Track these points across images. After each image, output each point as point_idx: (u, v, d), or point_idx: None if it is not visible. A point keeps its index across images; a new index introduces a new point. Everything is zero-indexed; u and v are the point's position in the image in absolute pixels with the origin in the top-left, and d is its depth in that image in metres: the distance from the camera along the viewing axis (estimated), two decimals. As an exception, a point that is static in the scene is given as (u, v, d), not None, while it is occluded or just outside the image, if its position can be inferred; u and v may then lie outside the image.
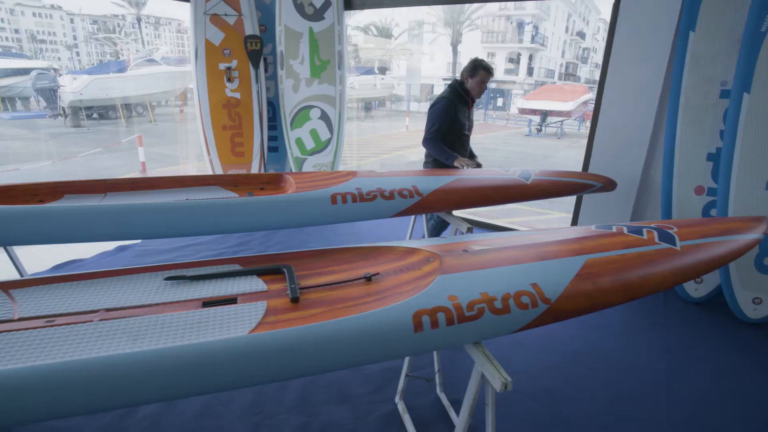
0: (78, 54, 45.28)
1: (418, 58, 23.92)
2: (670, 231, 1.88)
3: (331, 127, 4.62)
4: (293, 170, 4.75)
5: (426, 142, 2.88)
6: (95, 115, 14.09)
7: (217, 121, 4.52)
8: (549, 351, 2.48)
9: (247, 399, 1.97)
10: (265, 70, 4.67)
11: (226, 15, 4.33)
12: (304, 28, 4.39)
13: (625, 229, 1.87)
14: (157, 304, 1.33)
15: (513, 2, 23.86)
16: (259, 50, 4.39)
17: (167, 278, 1.45)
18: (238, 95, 4.51)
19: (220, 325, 1.23)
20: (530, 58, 24.61)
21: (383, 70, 21.50)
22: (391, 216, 2.14)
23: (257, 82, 4.48)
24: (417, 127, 14.94)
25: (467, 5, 21.04)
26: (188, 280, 1.46)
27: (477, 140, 13.26)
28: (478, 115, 18.53)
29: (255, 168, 4.67)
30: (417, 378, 2.02)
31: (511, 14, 25.47)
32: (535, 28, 25.67)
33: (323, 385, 2.06)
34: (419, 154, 10.85)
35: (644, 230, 1.86)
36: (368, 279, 1.47)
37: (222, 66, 4.41)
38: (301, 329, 1.16)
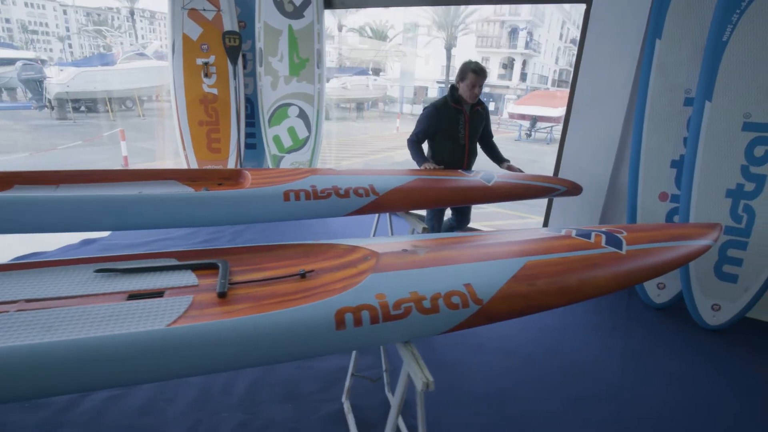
0: (71, 46, 44.87)
1: (412, 60, 23.97)
2: (618, 235, 1.88)
3: (309, 126, 4.61)
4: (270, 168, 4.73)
5: (407, 143, 2.92)
6: (83, 108, 13.96)
7: (194, 116, 4.49)
8: (507, 353, 2.48)
9: (192, 395, 1.95)
10: (244, 67, 4.65)
11: (204, 10, 4.31)
12: (283, 26, 4.37)
13: (573, 233, 1.87)
14: (80, 296, 1.31)
15: (508, 7, 24.01)
16: (237, 46, 4.37)
17: (97, 270, 1.43)
18: (215, 91, 4.48)
19: (140, 318, 1.21)
20: (524, 63, 24.76)
21: (377, 72, 21.52)
22: (345, 215, 2.13)
23: (235, 79, 4.46)
24: (408, 129, 14.98)
25: (462, 8, 21.14)
26: (119, 273, 1.44)
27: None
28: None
29: (231, 165, 4.64)
30: (362, 378, 2.01)
31: (506, 20, 25.64)
32: (530, 34, 25.85)
33: (271, 383, 2.04)
34: (406, 155, 10.91)
35: (593, 234, 1.86)
36: (302, 276, 1.46)
37: (199, 61, 4.38)
38: (220, 323, 1.15)
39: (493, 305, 1.39)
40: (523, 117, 14.26)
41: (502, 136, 15.33)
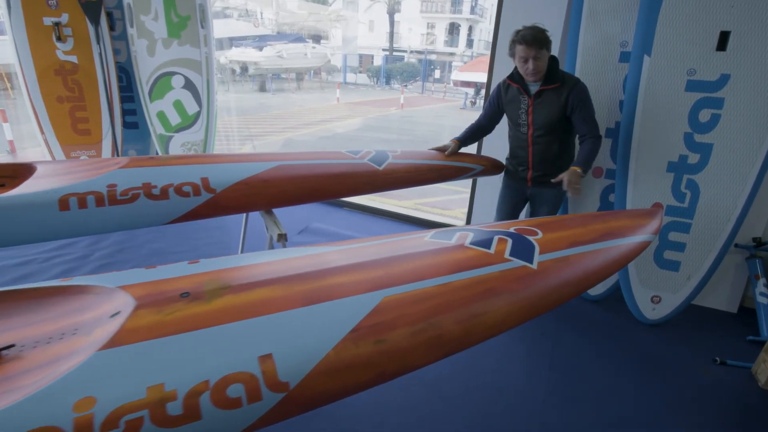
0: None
1: (354, 26, 22.76)
2: (530, 238, 1.37)
3: (199, 99, 3.85)
4: (159, 151, 3.96)
5: None
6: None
7: (49, 91, 3.61)
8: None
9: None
10: (111, 29, 3.78)
11: (45, -48, 3.39)
12: (154, -25, 3.54)
13: (469, 239, 1.34)
14: None
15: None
16: (97, 2, 3.51)
17: None
18: (74, 59, 3.61)
19: None
20: (470, 29, 24.10)
21: (317, 39, 20.25)
22: (165, 223, 1.51)
23: (99, 43, 3.61)
24: (350, 99, 14.15)
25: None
26: None
27: (409, 114, 12.73)
28: (416, 87, 17.95)
29: (106, 149, 3.83)
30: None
31: (451, -17, 24.67)
32: (475, -2, 25.09)
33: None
34: (348, 126, 10.16)
35: (495, 239, 1.34)
36: (-16, 359, 0.84)
37: (47, 21, 3.48)
38: None
39: (310, 388, 0.85)
40: (467, 84, 13.75)
41: (447, 105, 14.83)
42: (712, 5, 2.01)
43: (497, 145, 2.86)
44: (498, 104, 2.21)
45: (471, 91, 13.77)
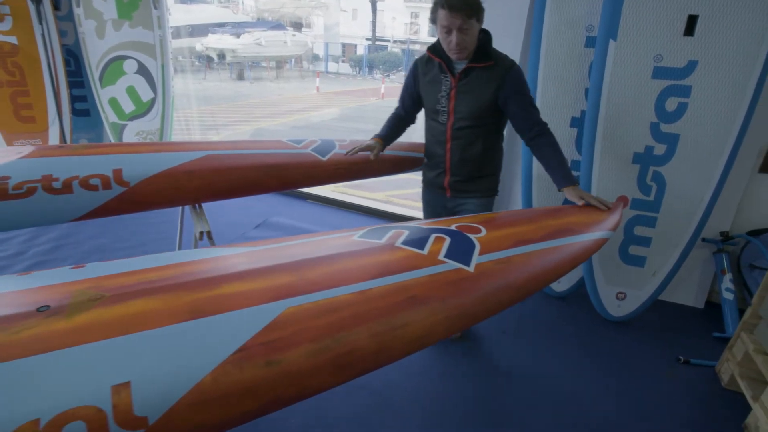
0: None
1: (336, 15, 22.33)
2: (471, 237, 1.24)
3: (154, 85, 3.63)
4: (111, 140, 3.74)
5: None
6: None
7: (-13, 74, 3.36)
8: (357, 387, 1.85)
9: None
10: (57, 8, 3.53)
11: None
12: (101, -50, 3.29)
13: (402, 237, 1.21)
14: None
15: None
16: (38, -22, 3.26)
17: None
18: (13, 39, 3.36)
19: None
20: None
21: (298, 26, 19.81)
22: (69, 221, 1.34)
23: (42, 23, 3.35)
24: (330, 89, 13.87)
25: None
26: None
27: (388, 104, 12.49)
28: (398, 77, 17.67)
29: (54, 138, 3.59)
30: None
31: (436, -29, 24.21)
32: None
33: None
34: (323, 116, 9.87)
35: (431, 238, 1.21)
36: None
37: (-19, -3, 3.23)
38: None
39: (176, 422, 0.70)
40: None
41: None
42: (679, -14, 1.89)
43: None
44: (415, 85, 1.73)
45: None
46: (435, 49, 1.62)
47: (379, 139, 1.81)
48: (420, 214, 2.03)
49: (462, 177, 1.74)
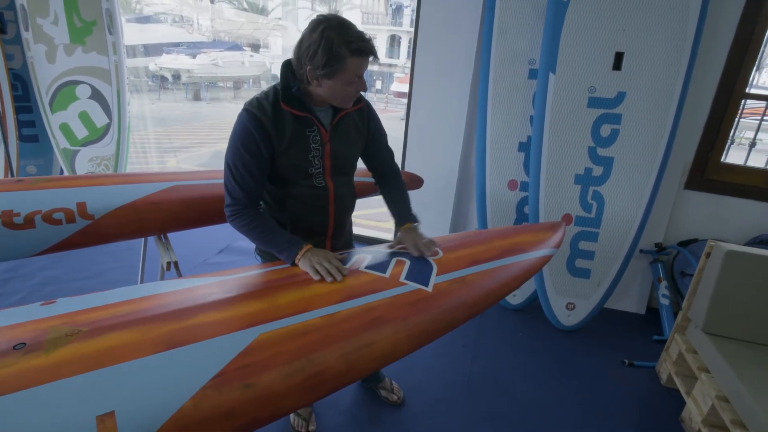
0: None
1: (295, 36, 22.49)
2: (430, 259, 1.35)
3: (109, 110, 3.57)
4: (63, 168, 3.63)
5: (229, 221, 1.33)
6: None
7: (-74, 99, 3.21)
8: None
9: None
10: (3, 31, 3.44)
11: None
12: (51, -26, 3.25)
13: (366, 262, 1.29)
14: None
15: (391, -17, 23.55)
16: (-17, 1, 3.17)
17: None
18: (-44, 64, 3.24)
19: None
20: (410, 41, 24.63)
21: (256, 47, 19.78)
22: (32, 255, 1.33)
23: (-13, 47, 3.25)
24: (289, 110, 13.82)
25: (344, -18, 20.11)
26: None
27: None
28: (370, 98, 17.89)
29: (-1, 164, 3.45)
30: None
31: (391, -4, 25.14)
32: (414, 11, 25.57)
33: None
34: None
35: (393, 262, 1.30)
36: None
37: None
38: None
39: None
40: (405, 95, 13.96)
41: (388, 115, 14.94)
42: (607, 28, 2.13)
43: (417, 160, 2.88)
44: (265, 153, 1.24)
45: (410, 101, 13.95)
46: (292, 100, 1.23)
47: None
48: (386, 235, 2.06)
49: (341, 238, 1.53)
